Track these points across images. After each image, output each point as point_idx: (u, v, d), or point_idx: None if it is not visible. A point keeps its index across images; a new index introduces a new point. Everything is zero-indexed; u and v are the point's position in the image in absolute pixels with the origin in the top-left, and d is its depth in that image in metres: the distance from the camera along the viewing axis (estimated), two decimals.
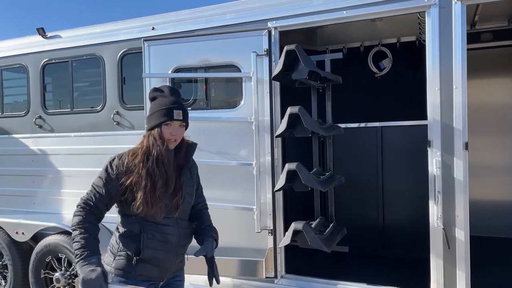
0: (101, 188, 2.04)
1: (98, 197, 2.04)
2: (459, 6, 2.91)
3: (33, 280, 4.22)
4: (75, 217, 2.03)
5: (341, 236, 3.38)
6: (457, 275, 2.95)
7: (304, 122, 2.80)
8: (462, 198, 2.92)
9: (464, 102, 2.91)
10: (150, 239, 2.06)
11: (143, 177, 2.01)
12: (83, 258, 1.93)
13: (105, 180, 2.04)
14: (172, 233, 2.13)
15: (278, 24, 3.40)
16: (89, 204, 2.04)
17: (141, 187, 2.00)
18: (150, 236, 2.06)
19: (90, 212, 2.03)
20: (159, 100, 2.15)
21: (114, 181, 2.03)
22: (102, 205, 2.06)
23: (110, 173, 2.05)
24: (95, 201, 2.04)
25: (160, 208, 2.04)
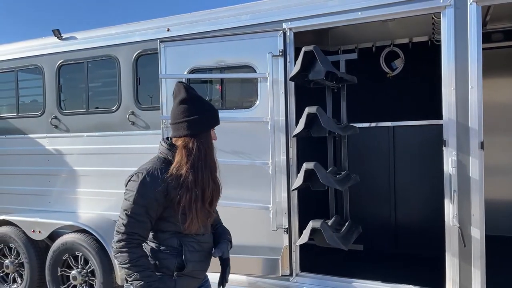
0: (143, 216, 1.84)
1: (141, 225, 1.84)
2: (474, 6, 2.94)
3: (50, 278, 4.29)
4: (122, 254, 1.83)
5: (357, 234, 3.42)
6: (472, 273, 2.98)
7: (322, 122, 2.84)
8: (478, 197, 2.95)
9: (479, 101, 2.94)
10: (191, 252, 1.95)
11: (192, 189, 1.85)
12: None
13: (147, 206, 1.83)
14: (207, 241, 2.06)
15: (293, 25, 3.44)
16: (133, 237, 1.84)
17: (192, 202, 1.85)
18: (191, 249, 1.95)
19: (137, 243, 1.86)
20: (199, 102, 1.95)
21: (159, 202, 1.85)
22: (146, 231, 1.89)
23: (151, 196, 1.83)
24: (139, 230, 1.85)
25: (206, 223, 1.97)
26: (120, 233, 1.84)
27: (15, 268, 4.63)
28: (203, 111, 1.92)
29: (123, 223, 1.84)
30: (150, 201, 1.83)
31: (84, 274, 4.17)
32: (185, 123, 1.88)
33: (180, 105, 1.91)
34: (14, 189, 4.85)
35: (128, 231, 1.83)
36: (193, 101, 1.92)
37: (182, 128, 1.88)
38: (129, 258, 1.82)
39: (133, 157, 4.14)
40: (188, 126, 1.87)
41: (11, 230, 4.54)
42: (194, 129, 1.87)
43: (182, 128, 1.89)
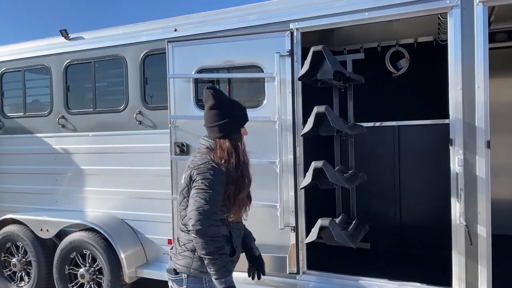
0: (219, 195, 2.04)
1: (217, 205, 2.04)
2: (480, 7, 2.97)
3: (58, 276, 4.32)
4: (213, 242, 1.96)
5: (364, 232, 3.45)
6: (479, 271, 3.01)
7: (331, 121, 2.87)
8: (484, 195, 2.98)
9: (486, 101, 2.97)
10: (236, 238, 2.19)
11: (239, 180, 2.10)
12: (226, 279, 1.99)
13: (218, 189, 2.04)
14: (242, 228, 2.30)
15: (300, 25, 3.47)
16: (217, 221, 2.04)
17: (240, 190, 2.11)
18: (236, 236, 2.19)
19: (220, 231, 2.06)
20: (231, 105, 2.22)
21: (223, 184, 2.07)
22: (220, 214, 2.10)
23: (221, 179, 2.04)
24: (216, 210, 2.04)
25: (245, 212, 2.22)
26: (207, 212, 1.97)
27: (23, 267, 4.67)
28: (231, 115, 2.17)
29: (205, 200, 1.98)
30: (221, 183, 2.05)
31: (92, 272, 4.21)
32: (216, 127, 2.14)
33: (210, 110, 2.17)
34: (22, 188, 4.89)
35: (213, 217, 2.00)
36: (221, 106, 2.16)
37: (215, 131, 2.16)
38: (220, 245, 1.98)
39: (140, 156, 4.19)
40: (220, 130, 2.14)
41: (18, 228, 4.58)
42: (225, 132, 2.14)
43: (214, 131, 2.16)
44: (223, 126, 2.14)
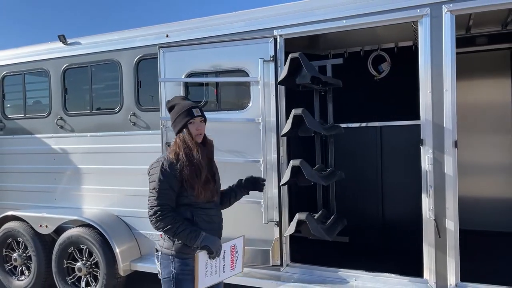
0: (167, 189, 2.35)
1: (168, 196, 2.35)
2: (448, 15, 3.19)
3: (56, 269, 4.53)
4: (163, 220, 2.31)
5: (342, 226, 3.66)
6: (448, 262, 3.23)
7: (307, 123, 3.08)
8: (452, 191, 3.20)
9: (453, 103, 3.18)
10: (201, 221, 2.42)
11: (191, 169, 2.37)
12: (199, 236, 2.33)
13: (167, 182, 2.34)
14: (215, 214, 2.53)
15: (283, 32, 3.68)
16: (165, 206, 2.34)
17: (195, 177, 2.36)
18: (200, 219, 2.42)
19: (170, 209, 2.36)
20: (177, 107, 2.51)
21: (173, 179, 2.35)
22: (173, 201, 2.39)
23: (167, 174, 2.35)
24: (168, 200, 2.35)
25: (213, 191, 2.45)
26: (153, 207, 2.33)
27: (23, 261, 4.88)
28: (177, 115, 2.49)
29: (154, 198, 2.34)
30: (170, 177, 2.35)
31: (89, 266, 4.41)
32: (172, 126, 2.54)
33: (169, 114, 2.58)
34: (22, 186, 5.10)
35: (158, 203, 2.33)
36: (171, 109, 2.54)
37: (173, 129, 2.53)
38: (169, 220, 2.32)
39: (134, 156, 4.40)
40: (174, 127, 2.52)
41: (19, 225, 4.79)
42: (176, 128, 2.49)
43: (173, 129, 2.54)
44: (174, 125, 2.50)
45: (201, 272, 2.35)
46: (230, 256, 2.47)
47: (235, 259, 2.50)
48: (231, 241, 2.49)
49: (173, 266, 2.41)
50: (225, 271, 2.48)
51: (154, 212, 2.33)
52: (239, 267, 2.57)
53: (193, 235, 2.33)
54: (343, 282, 3.55)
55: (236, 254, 2.49)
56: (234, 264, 2.51)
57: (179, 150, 2.41)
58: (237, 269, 2.55)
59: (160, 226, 2.33)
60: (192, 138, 2.44)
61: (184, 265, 2.40)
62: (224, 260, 2.45)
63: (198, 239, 2.33)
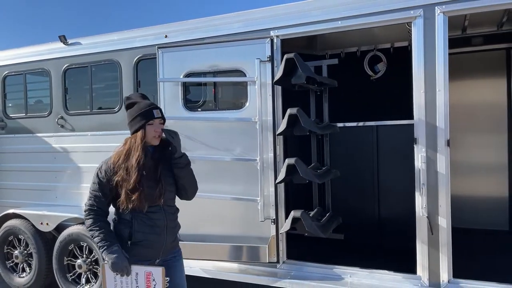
0: (98, 192, 2.40)
1: (98, 200, 2.41)
2: (441, 17, 3.24)
3: (57, 266, 4.60)
4: (87, 221, 2.42)
5: (337, 224, 3.72)
6: (440, 259, 3.29)
7: (302, 122, 3.14)
8: (445, 189, 3.26)
9: (446, 103, 3.24)
10: (140, 224, 2.40)
11: (123, 176, 2.33)
12: (106, 249, 2.35)
13: (99, 184, 2.40)
14: (159, 218, 2.46)
15: (280, 32, 3.74)
16: (93, 208, 2.41)
17: (123, 185, 2.32)
18: (140, 222, 2.40)
19: (97, 213, 2.41)
20: (136, 106, 2.44)
21: (105, 183, 2.38)
22: (103, 205, 2.43)
23: (101, 178, 2.39)
24: (97, 203, 2.41)
25: (140, 200, 2.33)
26: (85, 206, 2.45)
27: (24, 258, 4.94)
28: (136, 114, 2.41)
29: (88, 198, 2.45)
30: (102, 181, 2.39)
31: (89, 263, 4.48)
32: (128, 125, 2.47)
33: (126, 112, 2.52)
34: (23, 184, 5.17)
35: (89, 204, 2.43)
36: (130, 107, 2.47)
37: (129, 128, 2.46)
38: (91, 223, 2.40)
39: None
40: (130, 127, 2.45)
41: (20, 222, 4.86)
42: (133, 128, 2.41)
43: (129, 129, 2.46)
44: (129, 125, 2.45)
45: (109, 284, 2.42)
46: (146, 282, 2.41)
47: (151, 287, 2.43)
48: (147, 267, 2.43)
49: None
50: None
51: (84, 213, 2.44)
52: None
53: (101, 244, 2.35)
54: (339, 279, 3.61)
55: (154, 282, 2.41)
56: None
57: (122, 154, 2.38)
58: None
59: (86, 226, 2.43)
60: (141, 142, 2.36)
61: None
62: (137, 282, 2.42)
63: (104, 252, 2.35)
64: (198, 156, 3.78)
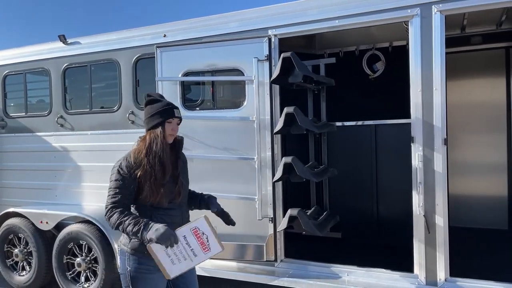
0: (121, 188, 2.32)
1: (121, 196, 2.32)
2: (438, 16, 3.25)
3: (56, 265, 4.62)
4: (112, 217, 2.30)
5: (334, 222, 3.73)
6: (437, 258, 3.29)
7: (299, 121, 3.15)
8: (441, 188, 3.26)
9: (443, 102, 3.24)
10: (160, 222, 2.33)
11: (147, 169, 2.33)
12: (144, 228, 2.24)
13: (122, 181, 2.33)
14: (176, 215, 2.48)
15: (278, 32, 3.75)
16: (116, 204, 2.32)
17: (147, 178, 2.32)
18: (160, 220, 2.36)
19: (121, 208, 2.32)
20: (158, 103, 2.47)
21: (128, 179, 2.33)
22: (127, 201, 2.36)
23: (123, 174, 2.34)
24: (121, 199, 2.32)
25: (163, 195, 2.36)
26: (107, 207, 2.34)
27: (24, 257, 4.96)
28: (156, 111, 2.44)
29: (108, 198, 2.34)
30: (125, 177, 2.33)
31: (88, 261, 4.49)
32: (145, 120, 2.47)
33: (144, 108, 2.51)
34: (23, 183, 5.18)
35: (111, 202, 2.33)
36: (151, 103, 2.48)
37: (145, 124, 2.48)
38: (117, 216, 2.29)
39: None
40: (147, 122, 2.45)
41: (20, 221, 4.88)
42: (151, 124, 2.43)
43: (145, 124, 2.48)
44: (147, 120, 2.46)
45: (164, 261, 2.28)
46: (197, 239, 2.36)
47: (205, 241, 2.38)
48: (189, 224, 2.39)
49: (128, 263, 2.41)
50: (197, 255, 2.37)
51: (106, 212, 2.34)
52: (216, 247, 2.42)
53: (137, 228, 2.25)
54: (336, 277, 3.62)
55: (204, 235, 2.37)
56: (207, 246, 2.39)
57: (143, 149, 2.38)
58: (213, 249, 2.41)
59: (111, 224, 2.32)
60: (163, 138, 2.40)
61: (138, 264, 2.38)
62: (189, 245, 2.35)
63: (143, 232, 2.24)
64: (196, 155, 3.80)
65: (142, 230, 2.24)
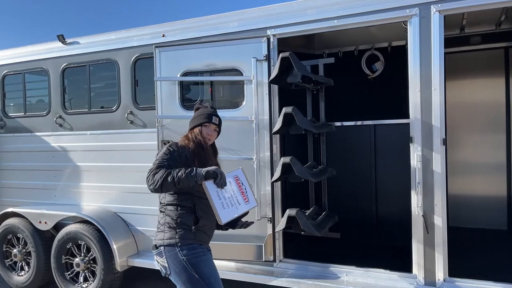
0: (168, 159, 2.46)
1: (167, 164, 2.44)
2: (437, 16, 3.24)
3: (55, 265, 4.62)
4: (157, 173, 2.37)
5: (333, 222, 3.72)
6: (436, 258, 3.29)
7: (297, 121, 3.15)
8: (440, 188, 3.26)
9: (441, 102, 3.24)
10: (202, 211, 2.51)
11: (194, 148, 2.57)
12: (195, 169, 2.38)
13: (170, 154, 2.49)
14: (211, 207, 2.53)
15: (276, 31, 3.75)
16: (162, 166, 2.42)
17: (195, 156, 2.54)
18: (202, 208, 2.51)
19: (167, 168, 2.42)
20: (202, 109, 2.78)
21: (176, 154, 2.51)
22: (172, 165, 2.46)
23: (171, 150, 2.52)
24: (167, 164, 2.44)
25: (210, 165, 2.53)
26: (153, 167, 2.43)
27: (23, 257, 4.96)
28: (199, 114, 2.77)
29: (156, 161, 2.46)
30: (173, 153, 2.52)
31: (87, 262, 4.49)
32: (190, 121, 2.78)
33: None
34: (22, 183, 5.19)
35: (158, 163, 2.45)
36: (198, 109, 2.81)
37: (189, 124, 2.78)
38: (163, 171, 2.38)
39: (132, 153, 4.48)
40: (190, 123, 2.77)
41: (19, 221, 4.88)
42: (192, 124, 2.75)
43: (189, 124, 2.78)
44: (191, 121, 2.76)
45: (217, 203, 2.38)
46: (238, 188, 2.52)
47: (244, 192, 2.54)
48: (230, 172, 2.53)
49: (182, 254, 2.45)
50: (240, 204, 2.51)
51: (148, 172, 2.41)
52: (253, 200, 2.60)
53: (188, 171, 2.37)
54: (335, 277, 3.61)
55: (243, 186, 2.53)
56: (246, 197, 2.55)
57: (189, 141, 2.63)
58: (251, 202, 2.58)
59: (155, 180, 2.35)
60: (200, 134, 2.66)
61: (192, 249, 2.47)
62: (234, 191, 2.49)
63: (196, 173, 2.36)
64: None
65: (195, 169, 2.38)
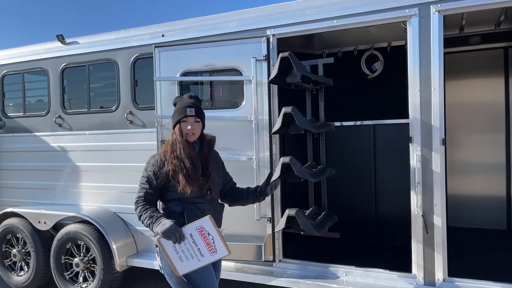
0: (146, 184, 2.51)
1: (146, 191, 2.51)
2: (436, 15, 3.24)
3: (54, 265, 4.61)
4: (136, 210, 2.49)
5: (332, 222, 3.72)
6: (435, 258, 3.29)
7: (297, 121, 3.14)
8: (439, 188, 3.26)
9: (441, 102, 3.24)
10: (191, 215, 2.50)
11: (176, 164, 2.47)
12: (154, 222, 2.40)
13: (147, 178, 2.52)
14: (208, 208, 2.58)
15: (276, 31, 3.75)
16: (142, 199, 2.51)
17: (178, 172, 2.46)
18: (191, 213, 2.50)
19: (145, 202, 2.50)
20: (179, 103, 2.65)
21: (153, 176, 2.50)
22: (153, 196, 2.53)
23: (149, 172, 2.52)
24: (146, 195, 2.51)
25: (196, 186, 2.48)
26: (135, 200, 2.53)
27: (22, 257, 4.96)
28: (175, 111, 2.65)
29: (138, 191, 2.54)
30: (150, 175, 2.52)
31: (86, 262, 4.49)
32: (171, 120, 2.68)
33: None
34: (21, 183, 5.18)
35: (138, 196, 2.53)
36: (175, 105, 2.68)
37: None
38: (140, 209, 2.48)
39: (131, 153, 4.48)
40: (172, 122, 2.66)
41: (18, 221, 4.88)
42: (172, 124, 2.65)
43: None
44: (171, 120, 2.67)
45: (173, 257, 2.39)
46: (203, 239, 2.41)
47: (211, 242, 2.41)
48: (194, 223, 2.43)
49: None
50: (204, 255, 2.41)
51: (134, 205, 2.52)
52: (222, 250, 2.43)
53: (149, 221, 2.42)
54: (334, 277, 3.62)
55: (210, 236, 2.41)
56: (213, 247, 2.42)
57: (168, 145, 2.55)
58: (219, 252, 2.43)
59: (138, 217, 2.50)
60: (181, 136, 2.54)
61: None
62: (196, 244, 2.41)
63: (154, 225, 2.39)
64: None
65: (153, 224, 2.39)
